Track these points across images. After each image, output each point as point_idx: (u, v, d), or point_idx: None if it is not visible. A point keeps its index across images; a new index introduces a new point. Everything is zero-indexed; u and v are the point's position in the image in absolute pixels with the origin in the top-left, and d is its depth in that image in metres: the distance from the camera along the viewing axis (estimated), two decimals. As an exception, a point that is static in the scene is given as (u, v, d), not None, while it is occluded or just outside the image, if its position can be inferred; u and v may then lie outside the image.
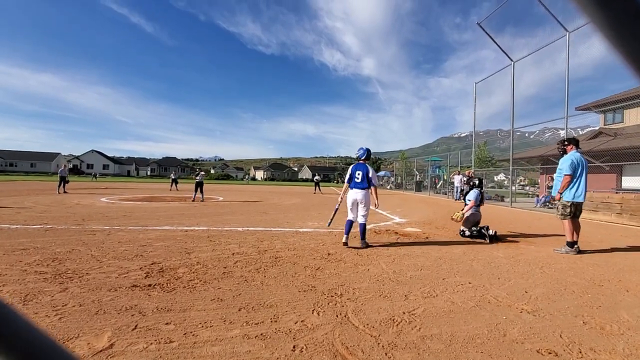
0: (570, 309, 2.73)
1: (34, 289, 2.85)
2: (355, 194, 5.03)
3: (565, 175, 4.94)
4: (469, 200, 6.10)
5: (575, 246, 4.92)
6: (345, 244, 5.00)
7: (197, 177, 13.91)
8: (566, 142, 5.26)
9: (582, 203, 5.00)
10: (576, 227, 4.99)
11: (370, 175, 5.01)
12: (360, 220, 5.07)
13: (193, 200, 13.46)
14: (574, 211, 4.98)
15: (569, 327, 2.38)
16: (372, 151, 5.43)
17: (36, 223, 6.47)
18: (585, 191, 4.97)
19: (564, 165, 4.99)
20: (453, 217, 6.24)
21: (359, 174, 5.05)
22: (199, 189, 13.78)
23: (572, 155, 5.03)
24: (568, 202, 4.96)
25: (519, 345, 2.09)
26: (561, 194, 4.99)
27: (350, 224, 5.09)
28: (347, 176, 5.22)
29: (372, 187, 5.03)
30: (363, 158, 5.20)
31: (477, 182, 6.28)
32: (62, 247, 4.48)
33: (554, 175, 5.30)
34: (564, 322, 2.47)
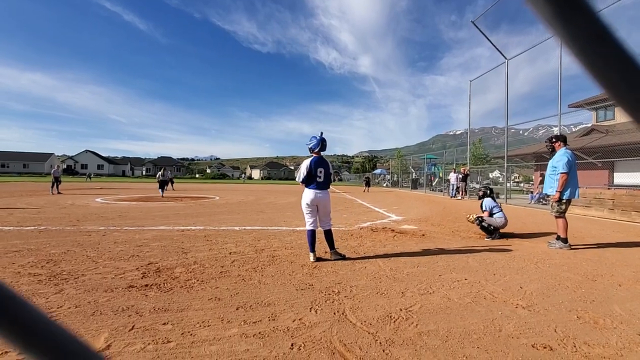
0: (564, 304, 2.77)
1: (29, 291, 2.82)
2: (316, 196, 4.12)
3: (562, 173, 4.88)
4: (485, 210, 5.95)
5: (568, 243, 4.98)
6: (318, 259, 4.10)
7: (160, 177, 15.80)
8: (554, 140, 5.23)
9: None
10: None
11: (331, 173, 4.21)
12: (326, 226, 4.23)
13: (162, 196, 15.15)
14: (568, 208, 5.03)
15: (564, 321, 2.41)
16: (367, 149, 5.04)
17: (30, 224, 6.40)
18: (578, 187, 5.02)
19: (560, 163, 4.93)
20: (469, 218, 6.19)
21: (321, 172, 4.12)
22: (163, 186, 15.66)
23: (566, 152, 5.00)
24: (564, 199, 4.97)
25: (515, 340, 2.11)
26: (561, 192, 4.92)
27: (313, 235, 4.13)
28: (305, 173, 4.12)
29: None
30: (317, 150, 4.19)
31: (487, 191, 6.21)
32: (56, 248, 4.44)
33: (546, 173, 5.29)
34: (559, 316, 2.50)
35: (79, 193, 16.94)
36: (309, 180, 4.15)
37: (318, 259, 4.09)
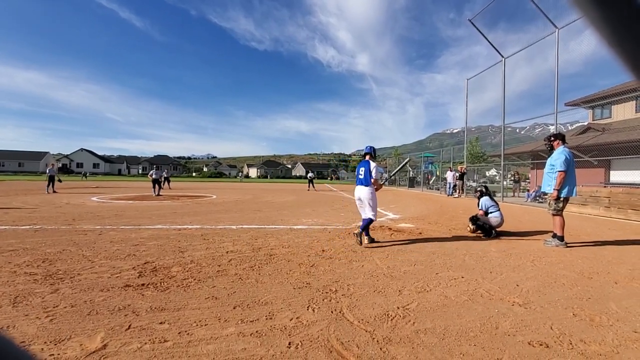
0: (560, 302, 2.78)
1: (24, 291, 2.80)
2: (358, 192, 5.07)
3: (560, 171, 4.92)
4: (481, 209, 6.02)
5: (564, 241, 5.01)
6: (372, 240, 5.13)
7: (153, 175, 15.50)
8: (552, 138, 5.27)
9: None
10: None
11: (371, 169, 4.95)
12: (367, 215, 5.04)
13: (158, 195, 15.11)
14: (565, 206, 5.06)
15: (560, 319, 2.43)
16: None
17: (25, 223, 6.35)
18: (575, 185, 5.04)
19: (558, 161, 4.97)
20: (470, 230, 6.08)
21: (362, 171, 5.05)
22: (156, 185, 15.39)
23: (564, 151, 5.04)
24: (562, 197, 5.00)
25: (511, 338, 2.12)
26: (559, 190, 4.97)
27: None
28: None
29: (372, 180, 4.95)
30: (366, 153, 5.17)
31: (484, 190, 6.23)
32: (52, 247, 4.41)
33: (545, 171, 5.32)
34: (555, 314, 2.52)
35: (75, 192, 16.83)
36: (357, 179, 5.20)
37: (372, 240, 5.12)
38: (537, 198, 14.47)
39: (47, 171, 16.27)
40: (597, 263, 4.11)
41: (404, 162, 6.83)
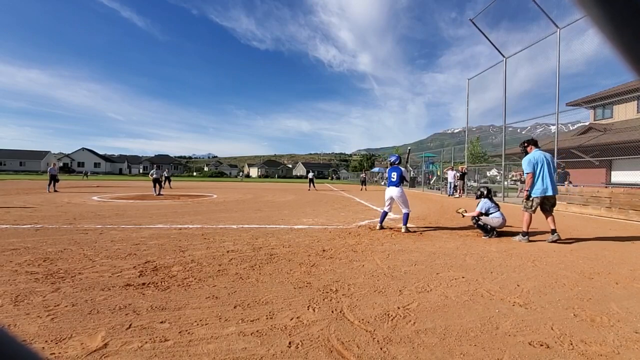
0: (561, 302, 2.78)
1: (25, 290, 2.80)
2: (391, 191, 6.29)
3: (527, 173, 5.38)
4: (479, 211, 6.02)
5: (527, 236, 5.38)
6: (382, 227, 6.37)
7: (154, 174, 15.36)
8: (526, 144, 5.68)
9: (552, 196, 5.34)
10: (548, 218, 5.43)
11: (404, 174, 6.33)
12: (405, 210, 6.23)
13: (159, 194, 15.07)
14: (539, 204, 5.36)
15: (560, 319, 2.42)
16: (365, 147, 5.72)
17: (26, 222, 6.37)
18: (551, 185, 5.27)
19: (523, 164, 5.45)
20: (459, 210, 6.51)
21: (394, 175, 6.33)
22: (157, 185, 15.30)
23: (531, 154, 5.46)
24: (533, 197, 5.36)
25: (512, 338, 2.12)
26: (528, 191, 5.39)
27: (384, 214, 6.41)
28: (386, 177, 6.77)
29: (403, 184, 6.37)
30: (397, 162, 6.48)
31: (485, 192, 6.26)
32: (53, 246, 4.42)
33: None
34: (555, 314, 2.51)
35: (76, 191, 16.86)
36: (388, 181, 6.48)
37: (382, 228, 6.35)
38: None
39: (48, 170, 16.31)
40: (598, 263, 4.10)
41: (407, 155, 8.19)
